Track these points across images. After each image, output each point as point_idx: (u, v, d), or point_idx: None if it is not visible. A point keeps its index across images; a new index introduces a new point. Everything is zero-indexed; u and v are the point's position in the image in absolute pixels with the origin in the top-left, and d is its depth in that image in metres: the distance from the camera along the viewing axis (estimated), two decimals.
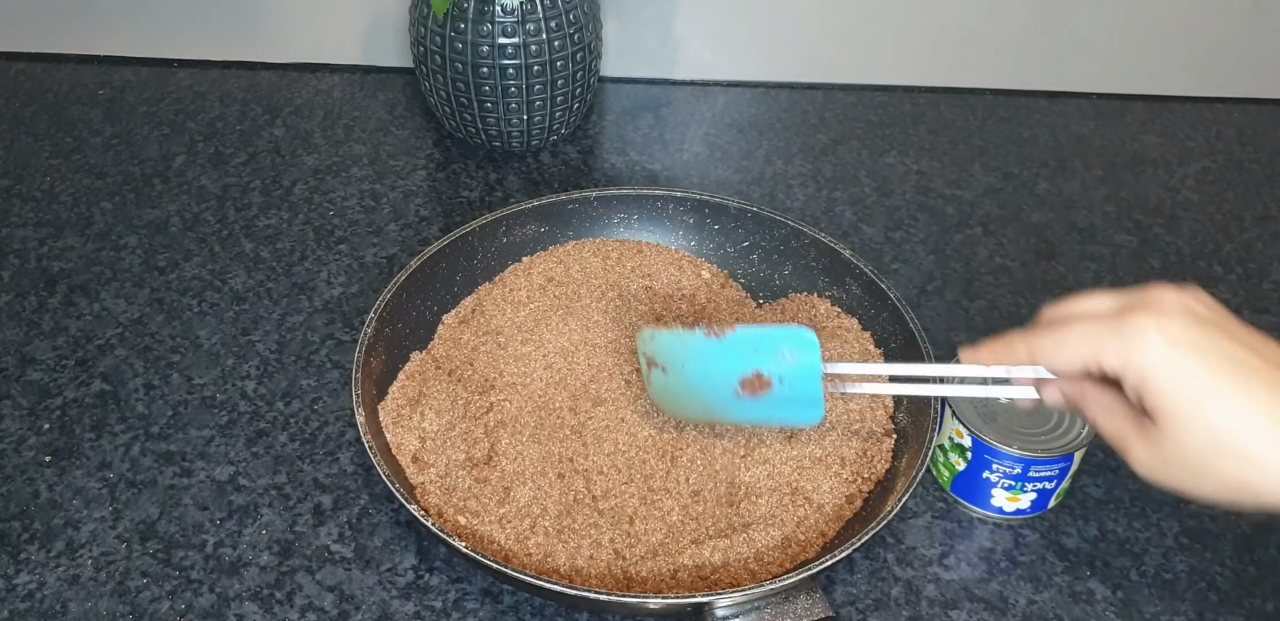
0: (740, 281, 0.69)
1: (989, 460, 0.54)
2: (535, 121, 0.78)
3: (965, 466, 0.56)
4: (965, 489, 0.57)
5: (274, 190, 0.77)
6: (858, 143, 0.85)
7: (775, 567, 0.52)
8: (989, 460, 0.54)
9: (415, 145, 0.83)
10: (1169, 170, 0.84)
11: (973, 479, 0.56)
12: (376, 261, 0.72)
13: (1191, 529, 0.57)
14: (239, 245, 0.73)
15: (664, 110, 0.88)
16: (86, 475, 0.57)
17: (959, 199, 0.80)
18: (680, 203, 0.69)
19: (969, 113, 0.89)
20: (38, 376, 0.63)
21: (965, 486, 0.57)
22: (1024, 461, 0.53)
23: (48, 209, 0.75)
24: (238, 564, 0.54)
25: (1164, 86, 0.92)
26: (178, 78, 0.89)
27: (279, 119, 0.85)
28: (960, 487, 0.57)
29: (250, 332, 0.66)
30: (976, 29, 0.87)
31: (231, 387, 0.63)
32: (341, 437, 0.60)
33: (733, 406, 0.52)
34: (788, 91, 0.91)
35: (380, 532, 0.55)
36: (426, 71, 0.76)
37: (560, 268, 0.68)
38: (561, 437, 0.57)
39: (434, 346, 0.63)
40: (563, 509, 0.54)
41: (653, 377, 0.54)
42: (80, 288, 0.69)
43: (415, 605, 0.52)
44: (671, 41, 0.88)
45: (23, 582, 0.52)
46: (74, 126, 0.83)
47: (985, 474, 0.55)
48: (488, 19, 0.71)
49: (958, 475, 0.57)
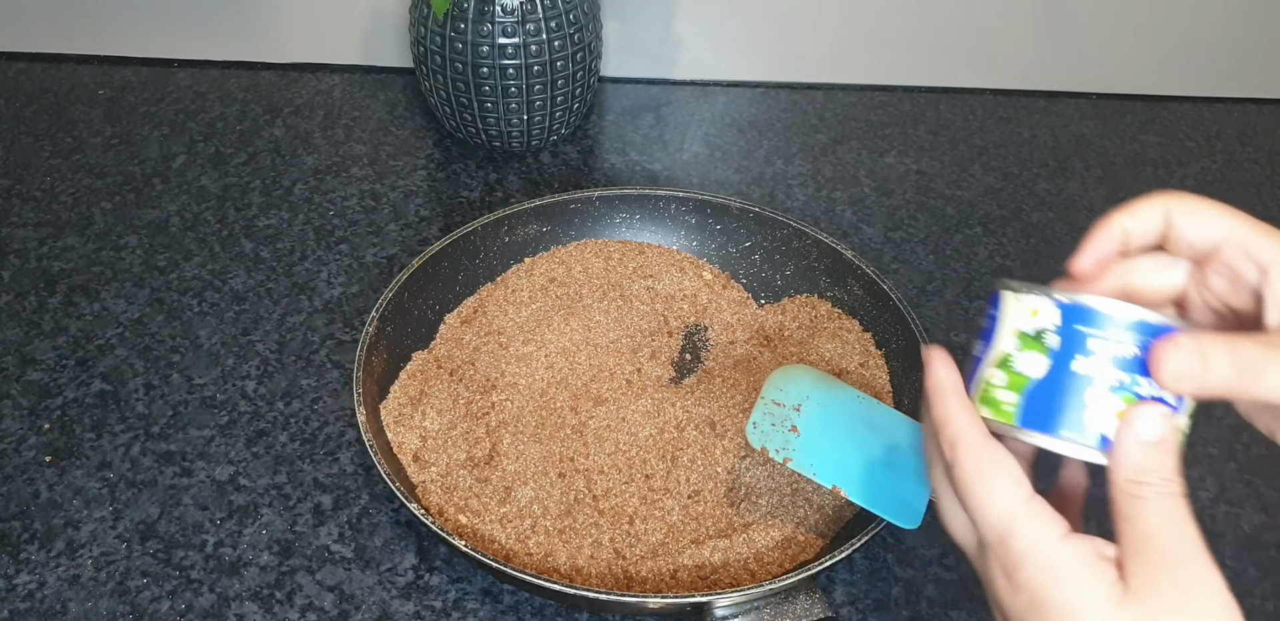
0: (742, 282, 0.69)
1: (1088, 336, 0.34)
2: (535, 121, 0.78)
3: (1048, 368, 0.35)
4: (1048, 410, 0.35)
5: (274, 190, 0.77)
6: (858, 143, 0.85)
7: (775, 567, 0.52)
8: (1088, 336, 0.34)
9: (415, 145, 0.83)
10: (1169, 170, 0.84)
11: (1061, 385, 0.34)
12: (376, 261, 0.72)
13: None
14: (239, 245, 0.73)
15: (664, 110, 0.88)
16: (87, 475, 0.57)
17: (959, 199, 0.80)
18: (682, 203, 0.69)
19: (969, 113, 0.89)
20: (38, 376, 0.63)
21: (1048, 406, 0.35)
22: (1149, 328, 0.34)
23: (48, 209, 0.75)
24: (238, 564, 0.54)
25: (1164, 86, 0.92)
26: (178, 78, 0.89)
27: (279, 119, 0.85)
28: (1038, 411, 0.35)
29: (250, 332, 0.66)
30: (976, 29, 0.87)
31: (231, 387, 0.63)
32: (342, 437, 0.60)
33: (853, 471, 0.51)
34: (788, 91, 0.91)
35: (380, 532, 0.55)
36: (426, 71, 0.76)
37: (562, 268, 0.68)
38: (562, 437, 0.57)
39: (436, 346, 0.63)
40: (563, 508, 0.54)
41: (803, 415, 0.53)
42: (80, 287, 0.69)
43: (415, 605, 0.52)
44: (671, 41, 0.88)
45: (23, 582, 0.52)
46: (74, 126, 0.83)
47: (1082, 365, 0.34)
48: (488, 19, 0.71)
49: (1033, 388, 0.35)
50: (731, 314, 0.66)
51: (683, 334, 0.65)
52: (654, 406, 0.59)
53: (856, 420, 0.53)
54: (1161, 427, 0.33)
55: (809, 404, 0.53)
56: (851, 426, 0.52)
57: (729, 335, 0.65)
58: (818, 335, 0.64)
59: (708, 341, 0.65)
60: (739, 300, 0.67)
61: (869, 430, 0.52)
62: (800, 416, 0.52)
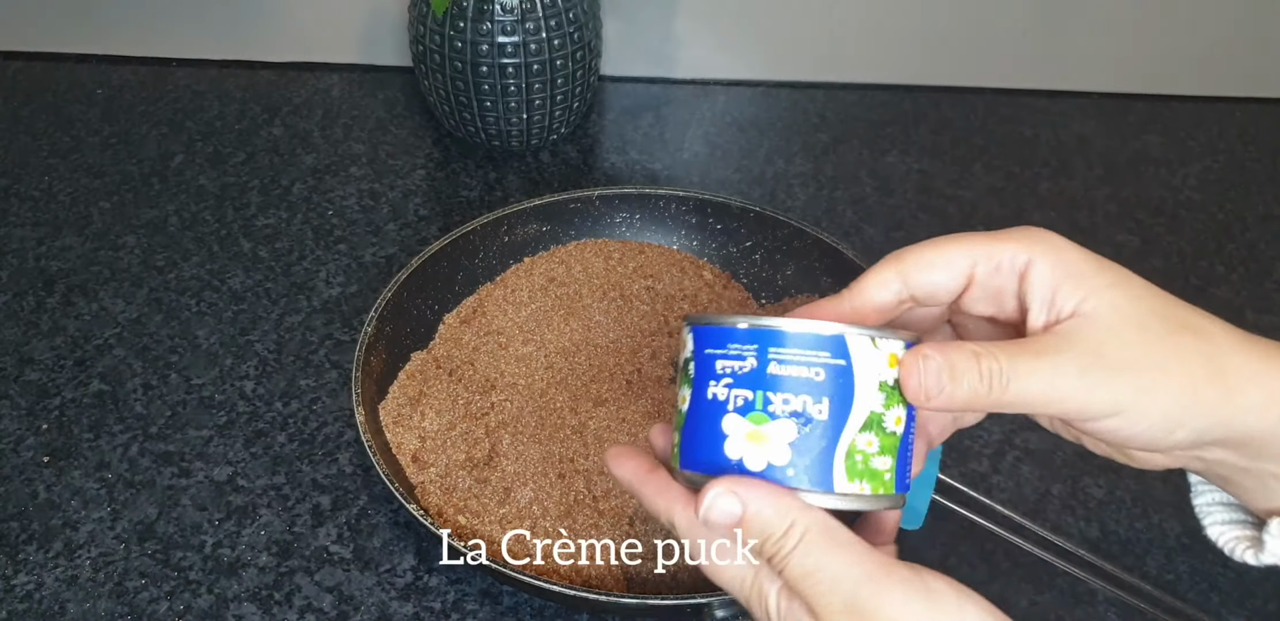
0: (742, 281, 0.69)
1: (712, 356, 0.32)
2: (535, 120, 0.77)
3: (690, 391, 0.33)
4: (695, 441, 0.32)
5: (273, 190, 0.77)
6: (858, 142, 0.85)
7: None
8: (712, 356, 0.32)
9: (414, 144, 0.83)
10: (1170, 170, 0.84)
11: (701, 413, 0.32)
12: (375, 261, 0.71)
13: (1193, 529, 0.56)
14: (237, 245, 0.72)
15: (664, 109, 0.88)
16: (85, 475, 0.57)
17: (960, 198, 0.80)
18: (683, 202, 0.69)
19: (970, 112, 0.89)
20: (36, 376, 0.63)
21: (695, 437, 0.32)
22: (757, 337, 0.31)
23: (46, 208, 0.75)
24: (236, 564, 0.53)
25: (1165, 86, 0.92)
26: (176, 77, 0.89)
27: (278, 118, 0.84)
28: (691, 442, 0.32)
29: (249, 332, 0.66)
30: (977, 29, 0.87)
31: (230, 388, 0.62)
32: (340, 438, 0.60)
33: None
34: (788, 91, 0.91)
35: (379, 533, 0.55)
36: (425, 70, 0.76)
37: (562, 268, 0.67)
38: (562, 438, 0.57)
39: (435, 346, 0.63)
40: (563, 509, 0.54)
41: None
42: (78, 287, 0.68)
43: (414, 606, 0.52)
44: (671, 41, 0.88)
45: (21, 583, 0.52)
46: (72, 126, 0.82)
47: (711, 388, 0.32)
48: (487, 17, 0.71)
49: (685, 424, 0.33)
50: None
51: None
52: (654, 407, 0.59)
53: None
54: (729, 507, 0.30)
55: None
56: None
57: None
58: None
59: None
60: (739, 300, 0.67)
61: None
62: None
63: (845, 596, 0.29)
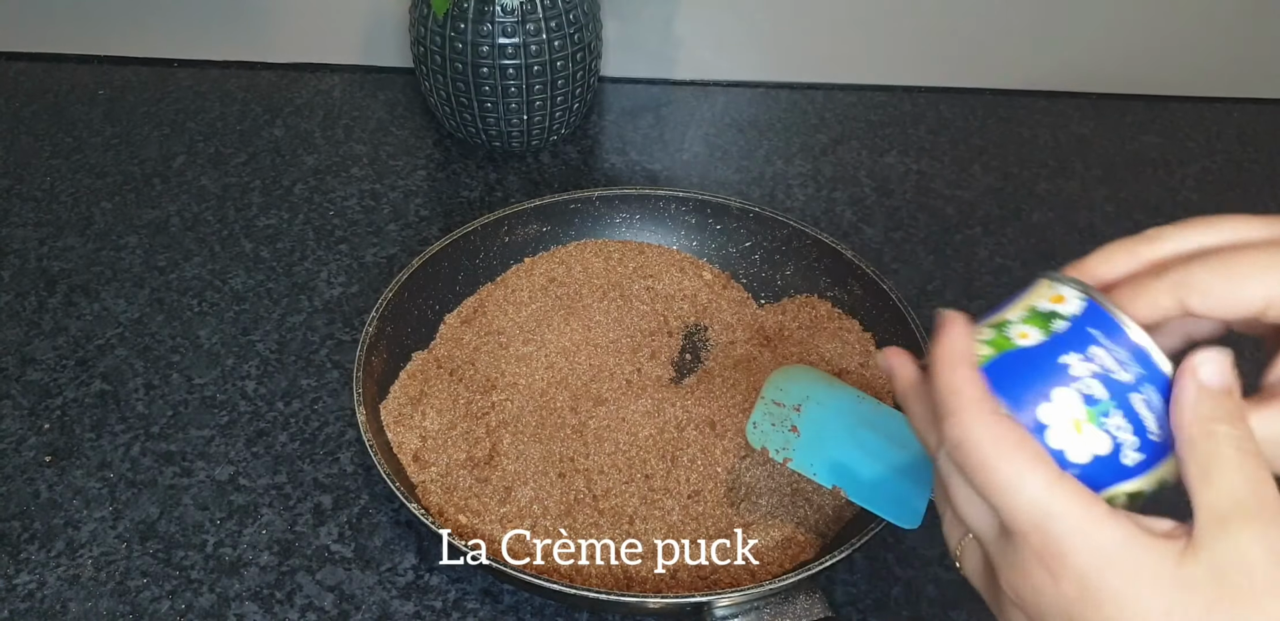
0: (742, 282, 0.69)
1: (1095, 341, 0.32)
2: (535, 121, 0.78)
3: (1037, 344, 0.33)
4: (1009, 378, 0.32)
5: (274, 190, 0.77)
6: (858, 143, 0.85)
7: (775, 567, 0.52)
8: (1095, 341, 0.32)
9: (415, 145, 0.83)
10: (1169, 170, 0.84)
11: (1039, 366, 0.32)
12: (376, 261, 0.72)
13: None
14: (239, 245, 0.73)
15: (664, 110, 0.88)
16: (86, 475, 0.57)
17: (959, 199, 0.80)
18: (683, 203, 0.69)
19: (969, 113, 0.89)
20: (38, 376, 0.63)
21: (1013, 375, 0.32)
22: (1153, 370, 0.31)
23: (48, 209, 0.75)
24: (238, 564, 0.54)
25: (1164, 86, 0.92)
26: (178, 78, 0.89)
27: (279, 119, 0.85)
28: (1000, 374, 0.32)
29: (250, 332, 0.66)
30: (976, 29, 0.87)
31: (231, 387, 0.63)
32: (342, 437, 0.60)
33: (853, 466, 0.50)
34: (788, 91, 0.91)
35: (380, 532, 0.55)
36: (426, 71, 0.76)
37: (562, 268, 0.68)
38: (562, 437, 0.57)
39: (436, 346, 0.63)
40: (563, 508, 0.54)
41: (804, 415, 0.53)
42: (80, 287, 0.69)
43: (415, 605, 0.52)
44: (671, 41, 0.88)
45: (23, 582, 0.52)
46: (74, 126, 0.83)
47: (1072, 361, 0.32)
48: (488, 19, 0.71)
49: (1011, 354, 0.33)
50: (731, 314, 0.66)
51: (683, 334, 0.65)
52: (654, 406, 0.59)
53: (857, 420, 0.53)
54: (1225, 375, 0.29)
55: (809, 404, 0.53)
56: (852, 426, 0.52)
57: (729, 335, 0.65)
58: (818, 335, 0.64)
59: (708, 341, 0.65)
60: (739, 300, 0.67)
61: (869, 430, 0.52)
62: (800, 416, 0.52)
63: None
